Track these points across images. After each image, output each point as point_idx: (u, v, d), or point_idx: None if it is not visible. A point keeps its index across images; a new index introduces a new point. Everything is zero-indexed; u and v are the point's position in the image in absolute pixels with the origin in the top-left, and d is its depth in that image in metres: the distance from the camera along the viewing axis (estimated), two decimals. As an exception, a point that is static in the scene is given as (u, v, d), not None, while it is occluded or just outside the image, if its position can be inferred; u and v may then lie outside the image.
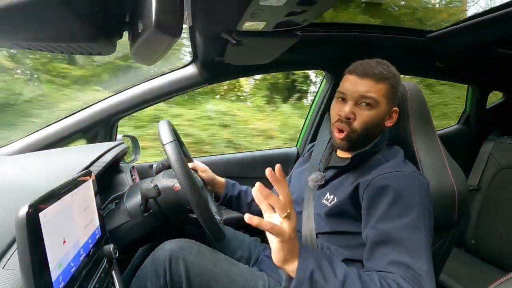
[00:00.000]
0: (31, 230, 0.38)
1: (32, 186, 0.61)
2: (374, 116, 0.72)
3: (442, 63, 1.40)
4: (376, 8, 1.97)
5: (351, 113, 0.72)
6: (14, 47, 0.44)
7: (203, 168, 0.99)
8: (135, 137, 1.27)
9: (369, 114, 0.72)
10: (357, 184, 0.71)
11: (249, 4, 0.62)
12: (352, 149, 0.77)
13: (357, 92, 0.72)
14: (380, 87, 0.71)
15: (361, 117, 0.72)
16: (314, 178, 0.81)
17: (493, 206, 1.37)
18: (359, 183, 0.70)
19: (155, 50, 0.50)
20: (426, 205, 0.65)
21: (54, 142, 1.13)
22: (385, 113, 0.75)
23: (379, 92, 0.71)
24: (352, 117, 0.72)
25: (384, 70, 0.72)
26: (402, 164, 0.72)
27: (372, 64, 0.73)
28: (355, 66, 0.76)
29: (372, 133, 0.75)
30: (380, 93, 0.72)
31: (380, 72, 0.72)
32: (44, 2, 0.35)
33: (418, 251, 0.60)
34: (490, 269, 1.30)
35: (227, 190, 1.01)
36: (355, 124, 0.73)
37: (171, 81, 1.22)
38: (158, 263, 0.71)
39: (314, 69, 1.61)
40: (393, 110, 0.76)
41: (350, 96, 0.73)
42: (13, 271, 0.43)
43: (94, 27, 0.42)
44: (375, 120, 0.73)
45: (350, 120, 0.73)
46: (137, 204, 0.78)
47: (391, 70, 0.75)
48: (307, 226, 0.78)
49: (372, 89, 0.71)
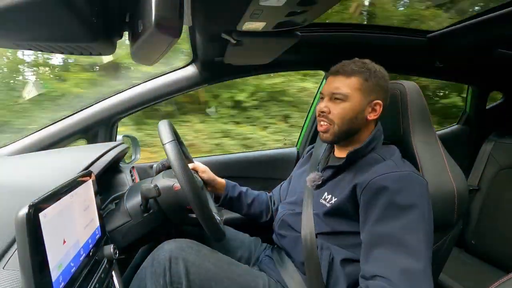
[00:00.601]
0: (31, 230, 0.38)
1: (32, 186, 0.61)
2: (347, 108, 0.77)
3: (442, 63, 1.40)
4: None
5: (325, 107, 0.80)
6: (14, 47, 0.44)
7: (203, 168, 0.99)
8: (135, 137, 1.27)
9: (342, 106, 0.77)
10: (354, 184, 0.71)
11: (249, 4, 0.62)
12: (346, 144, 0.81)
13: (330, 89, 0.79)
14: (350, 81, 0.77)
15: (335, 110, 0.78)
16: (312, 178, 0.82)
17: (493, 206, 1.37)
18: (357, 183, 0.71)
19: (155, 50, 0.50)
20: (425, 205, 0.65)
21: (54, 142, 1.13)
22: (362, 106, 0.77)
23: (350, 86, 0.77)
24: (327, 111, 0.79)
25: (355, 66, 0.78)
26: (400, 164, 0.72)
27: (346, 63, 0.80)
28: (332, 67, 0.82)
29: (353, 126, 0.78)
30: (351, 87, 0.77)
31: (350, 69, 0.78)
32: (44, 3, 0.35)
33: (417, 252, 0.60)
34: (490, 269, 1.29)
35: (227, 191, 1.01)
36: (331, 117, 0.79)
37: (171, 81, 1.22)
38: (157, 263, 0.71)
39: (314, 69, 1.60)
40: (375, 103, 0.78)
41: (326, 93, 0.81)
42: (13, 271, 0.43)
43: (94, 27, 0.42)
44: (349, 112, 0.77)
45: (325, 113, 0.79)
46: (137, 204, 0.77)
47: (366, 66, 0.78)
48: (307, 227, 0.78)
49: (343, 84, 0.77)
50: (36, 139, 1.11)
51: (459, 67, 1.51)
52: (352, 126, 0.78)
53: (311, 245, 0.76)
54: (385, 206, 0.65)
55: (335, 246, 0.73)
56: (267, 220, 1.04)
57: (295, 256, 0.82)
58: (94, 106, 1.19)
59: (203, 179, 0.98)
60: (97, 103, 1.19)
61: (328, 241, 0.75)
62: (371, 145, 0.78)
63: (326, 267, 0.72)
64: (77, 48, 0.45)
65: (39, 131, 1.13)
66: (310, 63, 1.42)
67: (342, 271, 0.71)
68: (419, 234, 0.61)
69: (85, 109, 1.18)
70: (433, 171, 0.78)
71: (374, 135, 0.78)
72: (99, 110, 1.18)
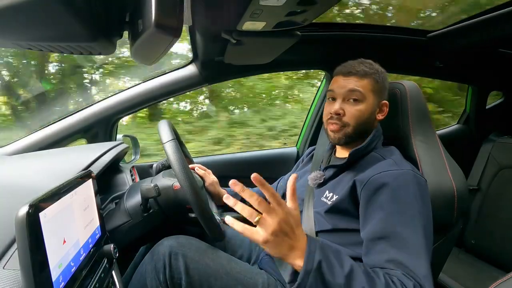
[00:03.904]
0: (31, 230, 0.38)
1: (32, 186, 0.61)
2: (363, 109, 0.77)
3: (442, 63, 1.40)
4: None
5: (340, 109, 0.77)
6: (14, 47, 0.44)
7: (211, 182, 1.02)
8: (135, 137, 1.27)
9: (358, 108, 0.77)
10: (355, 181, 0.71)
11: (249, 4, 0.62)
12: (350, 145, 0.80)
13: (344, 89, 0.77)
14: (365, 83, 0.77)
15: (350, 112, 0.77)
16: (313, 177, 0.83)
17: (493, 206, 1.37)
18: (357, 180, 0.71)
19: (155, 50, 0.50)
20: (424, 203, 0.66)
21: (54, 142, 1.13)
22: (374, 107, 0.78)
23: (365, 87, 0.77)
24: (342, 113, 0.77)
25: (366, 67, 0.78)
26: (400, 163, 0.73)
27: (355, 64, 0.80)
28: (340, 67, 0.82)
29: (366, 127, 0.79)
30: (365, 88, 0.77)
31: (362, 70, 0.77)
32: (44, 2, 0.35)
33: (415, 249, 0.60)
34: (490, 269, 1.30)
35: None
36: (345, 119, 0.77)
37: (171, 81, 1.22)
38: (157, 259, 0.71)
39: (314, 69, 1.60)
40: (383, 103, 0.80)
41: (338, 94, 0.79)
42: (13, 271, 0.43)
43: (94, 27, 0.42)
44: (364, 113, 0.77)
45: (340, 115, 0.77)
46: (137, 204, 0.77)
47: (374, 67, 0.79)
48: (307, 225, 0.79)
49: (358, 85, 0.77)
50: (36, 139, 1.12)
51: (459, 67, 1.51)
52: (365, 127, 0.78)
53: None
54: (385, 202, 0.65)
55: (336, 244, 0.74)
56: None
57: None
58: (94, 106, 1.19)
59: (209, 191, 1.00)
60: (97, 103, 1.20)
61: (328, 239, 0.75)
62: (372, 145, 0.78)
63: None
64: (77, 48, 0.45)
65: (39, 131, 1.13)
66: (310, 62, 1.42)
67: None
68: (418, 231, 0.62)
69: (85, 109, 1.18)
70: (433, 171, 0.78)
71: (375, 135, 0.79)
72: (99, 110, 1.18)
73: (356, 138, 0.79)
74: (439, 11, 1.46)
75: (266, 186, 0.53)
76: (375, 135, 0.79)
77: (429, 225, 0.65)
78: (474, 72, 1.54)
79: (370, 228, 0.65)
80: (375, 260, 0.62)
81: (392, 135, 0.86)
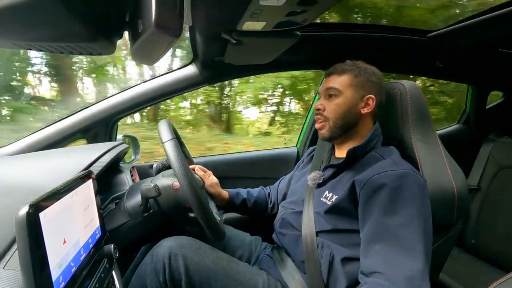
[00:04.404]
0: (31, 230, 0.38)
1: (32, 186, 0.61)
2: (340, 103, 0.81)
3: (442, 63, 1.40)
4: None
5: (320, 105, 0.85)
6: (14, 47, 0.44)
7: (211, 183, 1.03)
8: (135, 137, 1.27)
9: (335, 102, 0.82)
10: (354, 181, 0.72)
11: (249, 4, 0.62)
12: (335, 138, 0.85)
13: (324, 88, 0.85)
14: (342, 79, 0.82)
15: (329, 106, 0.83)
16: (313, 177, 0.84)
17: (493, 206, 1.37)
18: (356, 181, 0.71)
19: (155, 50, 0.50)
20: (423, 204, 0.66)
21: (54, 142, 1.13)
22: (355, 100, 0.81)
23: (342, 82, 0.82)
24: (322, 108, 0.84)
25: (346, 65, 0.84)
26: (399, 163, 0.73)
27: (338, 64, 0.86)
28: (327, 70, 0.88)
29: (348, 120, 0.82)
30: (342, 83, 0.82)
31: (341, 68, 0.83)
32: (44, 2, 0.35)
33: (414, 249, 0.60)
34: (490, 269, 1.29)
35: (232, 199, 1.06)
36: (325, 113, 0.83)
37: (171, 81, 1.22)
38: (157, 260, 0.71)
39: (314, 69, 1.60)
40: (368, 97, 0.81)
41: (321, 93, 0.87)
42: (14, 271, 0.43)
43: (94, 27, 0.42)
44: (341, 106, 0.81)
45: (320, 110, 0.84)
46: (137, 204, 0.77)
47: (356, 65, 0.83)
48: (308, 225, 0.79)
49: (335, 82, 0.83)
50: (36, 139, 1.11)
51: (459, 67, 1.50)
52: (346, 121, 0.82)
53: (311, 243, 0.76)
54: (383, 203, 0.65)
55: (336, 244, 0.74)
56: (267, 216, 1.10)
57: (295, 255, 0.82)
58: (94, 106, 1.19)
59: (210, 193, 1.01)
60: (97, 103, 1.19)
61: (328, 239, 0.75)
62: (370, 144, 0.79)
63: (326, 265, 0.72)
64: (77, 48, 0.45)
65: (39, 131, 1.13)
66: (310, 62, 1.42)
67: (342, 269, 0.71)
68: (417, 232, 0.62)
69: (85, 109, 1.18)
70: (433, 170, 0.78)
71: (373, 134, 0.80)
72: (99, 110, 1.18)
73: (341, 132, 0.82)
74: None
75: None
76: (374, 134, 0.80)
77: (428, 225, 0.65)
78: (474, 72, 1.54)
79: (368, 229, 0.66)
80: (372, 261, 0.62)
81: (392, 135, 0.86)
